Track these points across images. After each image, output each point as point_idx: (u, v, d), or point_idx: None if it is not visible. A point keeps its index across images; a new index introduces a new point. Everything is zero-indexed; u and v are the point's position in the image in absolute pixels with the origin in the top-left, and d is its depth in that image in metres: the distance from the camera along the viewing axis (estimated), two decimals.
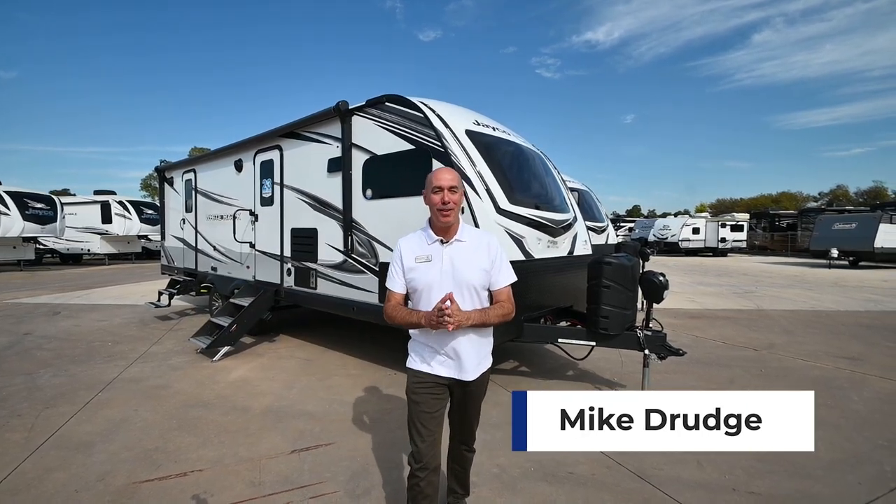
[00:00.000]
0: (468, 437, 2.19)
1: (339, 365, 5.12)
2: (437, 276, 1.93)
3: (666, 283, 3.95)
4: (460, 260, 1.95)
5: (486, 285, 1.99)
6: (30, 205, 16.12)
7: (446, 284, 1.90)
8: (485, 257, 1.97)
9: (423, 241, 2.01)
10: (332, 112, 4.92)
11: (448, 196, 1.91)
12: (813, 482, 2.73)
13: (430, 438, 1.97)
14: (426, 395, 1.98)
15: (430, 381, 1.98)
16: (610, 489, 2.65)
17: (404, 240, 2.05)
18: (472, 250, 1.97)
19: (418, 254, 1.98)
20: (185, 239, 8.49)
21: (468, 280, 1.93)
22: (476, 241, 2.01)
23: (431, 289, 1.93)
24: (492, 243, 2.02)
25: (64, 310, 8.61)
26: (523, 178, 4.94)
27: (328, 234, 5.17)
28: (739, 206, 55.20)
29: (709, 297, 10.25)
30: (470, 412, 2.11)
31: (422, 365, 2.00)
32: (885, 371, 4.85)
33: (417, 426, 1.98)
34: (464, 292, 1.92)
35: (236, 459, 2.98)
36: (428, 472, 1.95)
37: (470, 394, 2.04)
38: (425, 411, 1.97)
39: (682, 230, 28.18)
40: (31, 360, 5.22)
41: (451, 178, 1.94)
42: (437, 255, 1.96)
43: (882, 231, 17.35)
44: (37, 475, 2.77)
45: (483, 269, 1.95)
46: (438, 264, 1.94)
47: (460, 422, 2.15)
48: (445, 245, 1.97)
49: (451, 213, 1.93)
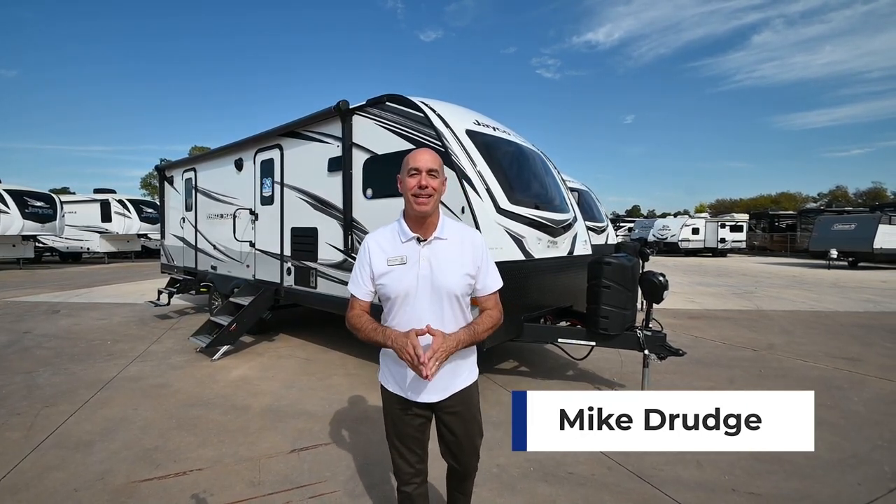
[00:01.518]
0: (457, 473, 1.87)
1: (338, 364, 5.12)
2: (413, 283, 1.63)
3: (666, 283, 3.95)
4: (440, 263, 1.64)
5: (469, 293, 1.72)
6: (29, 203, 16.12)
7: (424, 292, 1.63)
8: (469, 261, 1.68)
9: (396, 238, 1.69)
10: (332, 111, 4.92)
11: (426, 179, 1.61)
12: (812, 482, 2.73)
13: (412, 458, 1.77)
14: (401, 414, 1.74)
15: (403, 402, 1.73)
16: (610, 489, 2.65)
17: (373, 236, 1.73)
18: (454, 251, 1.68)
19: (391, 255, 1.66)
20: (184, 238, 8.48)
21: (449, 288, 1.63)
22: (459, 238, 1.71)
23: (407, 298, 1.63)
24: (477, 243, 1.73)
25: (63, 308, 8.61)
26: (523, 178, 4.94)
27: (328, 234, 5.17)
28: (739, 206, 55.24)
29: (708, 298, 10.26)
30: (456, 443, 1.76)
31: (390, 382, 1.75)
32: (884, 371, 4.86)
33: (397, 445, 1.77)
34: (444, 302, 1.64)
35: (236, 459, 2.98)
36: (416, 485, 1.79)
37: (450, 417, 1.73)
38: (403, 432, 1.75)
39: (682, 230, 28.19)
40: (31, 359, 5.22)
41: (431, 160, 1.65)
42: (413, 256, 1.65)
43: (881, 232, 17.36)
44: (36, 474, 2.77)
45: (467, 275, 1.67)
46: (415, 268, 1.63)
47: (447, 453, 1.82)
48: (423, 244, 1.66)
49: (429, 202, 1.62)
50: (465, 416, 1.75)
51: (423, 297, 1.63)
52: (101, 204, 19.79)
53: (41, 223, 16.37)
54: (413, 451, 1.76)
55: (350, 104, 4.85)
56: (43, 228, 16.56)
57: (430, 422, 1.79)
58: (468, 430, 1.77)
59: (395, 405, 1.74)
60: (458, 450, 1.79)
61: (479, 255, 1.72)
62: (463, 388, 1.74)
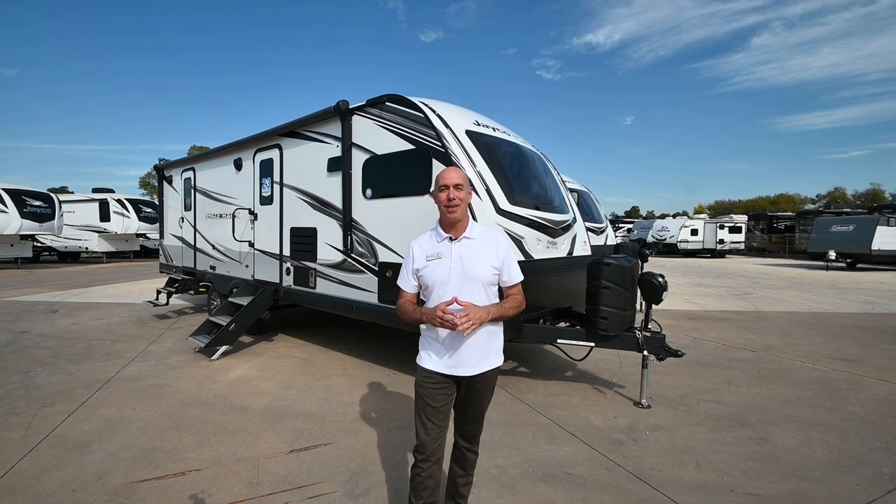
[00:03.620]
0: (468, 435, 2.19)
1: (337, 364, 5.11)
2: (447, 273, 1.99)
3: (665, 284, 3.95)
4: (469, 256, 2.01)
5: (495, 282, 2.05)
6: (28, 202, 16.08)
7: (455, 280, 1.97)
8: (493, 255, 2.02)
9: (433, 239, 2.08)
10: (332, 111, 4.92)
11: (453, 193, 1.99)
12: (811, 483, 2.73)
13: (434, 432, 2.01)
14: (431, 390, 2.02)
15: (437, 376, 2.02)
16: (608, 490, 2.65)
17: (416, 241, 2.13)
18: (480, 247, 2.03)
19: (429, 252, 2.05)
20: (183, 237, 8.47)
21: (477, 276, 1.99)
22: (485, 238, 2.07)
23: (441, 284, 1.99)
24: (500, 241, 2.08)
25: (61, 308, 8.59)
26: (523, 179, 4.94)
27: (328, 234, 5.16)
28: (738, 207, 55.38)
29: (707, 299, 10.27)
30: (471, 410, 2.12)
31: (427, 361, 2.04)
32: (883, 373, 4.87)
33: (423, 419, 2.03)
34: (472, 288, 1.98)
35: (234, 459, 2.97)
36: (430, 463, 2.01)
37: (473, 390, 2.05)
38: (430, 405, 2.01)
39: (681, 231, 28.21)
40: (29, 359, 5.20)
41: (457, 177, 2.03)
42: (447, 251, 2.03)
43: (879, 233, 17.39)
44: (33, 474, 2.76)
45: (492, 266, 2.01)
46: (448, 261, 2.01)
47: (461, 417, 2.17)
48: (454, 242, 2.03)
49: (457, 210, 2.00)
50: (484, 393, 2.08)
51: (455, 284, 1.96)
52: (99, 203, 19.74)
53: (39, 222, 16.34)
54: (437, 425, 2.02)
55: (350, 104, 4.85)
56: (41, 228, 16.53)
57: (454, 398, 2.08)
58: (482, 403, 2.11)
59: (429, 381, 2.02)
60: (472, 417, 2.12)
61: (503, 251, 2.06)
62: (490, 369, 2.05)
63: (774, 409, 3.89)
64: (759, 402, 4.02)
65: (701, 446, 3.19)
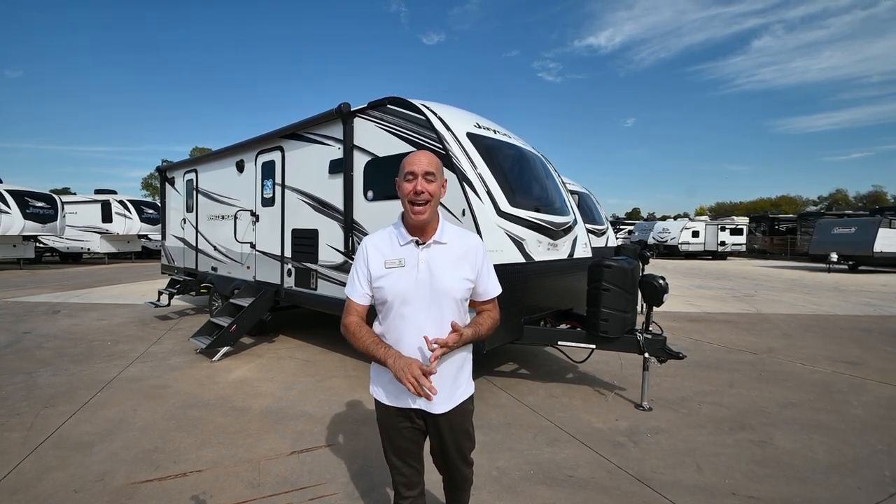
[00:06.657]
0: (453, 485, 1.85)
1: (338, 366, 5.12)
2: (412, 286, 1.58)
3: (666, 286, 3.95)
4: (440, 266, 1.60)
5: (468, 297, 1.69)
6: (30, 203, 16.12)
7: (423, 295, 1.58)
8: (468, 266, 1.65)
9: (394, 241, 1.64)
10: (333, 114, 4.93)
11: (422, 185, 1.54)
12: (812, 486, 2.73)
13: (410, 473, 1.74)
14: (394, 430, 1.69)
15: (398, 414, 1.67)
16: (609, 492, 2.65)
17: (370, 239, 1.68)
18: (453, 255, 1.64)
19: (389, 257, 1.61)
20: (185, 239, 8.49)
21: (449, 291, 1.59)
22: (459, 243, 1.67)
23: (405, 302, 1.58)
24: (477, 248, 1.70)
25: (63, 309, 8.61)
26: (524, 181, 4.95)
27: (329, 235, 5.17)
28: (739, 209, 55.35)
29: (708, 301, 10.26)
30: (451, 453, 1.73)
31: (385, 397, 1.68)
32: (884, 375, 4.85)
33: (392, 460, 1.74)
34: (444, 306, 1.59)
35: (235, 460, 2.98)
36: (412, 498, 1.77)
37: (446, 429, 1.68)
38: (399, 446, 1.71)
39: (682, 233, 28.18)
40: (31, 359, 5.22)
41: (428, 162, 1.57)
42: (412, 259, 1.60)
43: (881, 235, 17.36)
44: (35, 475, 2.77)
45: (466, 279, 1.64)
46: (413, 271, 1.59)
47: (442, 464, 1.80)
48: (422, 248, 1.61)
49: (426, 210, 1.56)
50: (458, 429, 1.72)
51: (422, 302, 1.58)
52: (101, 204, 19.79)
53: (42, 223, 16.37)
54: (411, 466, 1.74)
55: (351, 106, 4.87)
56: (44, 229, 16.56)
57: (426, 434, 1.75)
58: (458, 441, 1.73)
59: (393, 418, 1.68)
60: (448, 460, 1.77)
61: (480, 262, 1.69)
62: (464, 400, 1.71)
63: (775, 411, 3.88)
64: (761, 405, 4.02)
65: (702, 449, 3.19)
